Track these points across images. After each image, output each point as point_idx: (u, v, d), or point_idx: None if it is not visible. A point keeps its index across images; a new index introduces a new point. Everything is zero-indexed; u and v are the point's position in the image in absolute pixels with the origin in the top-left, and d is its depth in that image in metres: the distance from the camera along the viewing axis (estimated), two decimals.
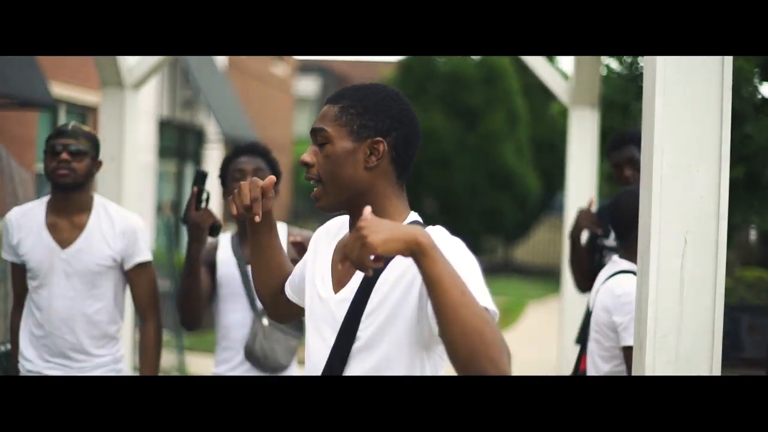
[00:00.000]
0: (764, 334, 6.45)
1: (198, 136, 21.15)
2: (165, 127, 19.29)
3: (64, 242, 4.45)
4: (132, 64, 7.16)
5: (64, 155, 4.34)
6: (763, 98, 9.29)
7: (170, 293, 10.58)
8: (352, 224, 2.58)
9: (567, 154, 7.70)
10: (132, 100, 7.19)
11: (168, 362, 10.42)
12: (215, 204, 4.89)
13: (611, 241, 5.28)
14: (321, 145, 2.60)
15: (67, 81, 15.41)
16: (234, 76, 22.93)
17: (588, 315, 5.13)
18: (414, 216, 2.58)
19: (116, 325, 4.58)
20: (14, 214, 4.55)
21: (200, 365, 10.76)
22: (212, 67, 20.02)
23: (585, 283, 5.46)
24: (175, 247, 11.93)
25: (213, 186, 4.66)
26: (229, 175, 4.59)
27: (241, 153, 4.58)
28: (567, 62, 23.85)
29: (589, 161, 7.53)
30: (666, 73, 3.16)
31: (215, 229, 4.25)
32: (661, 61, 3.14)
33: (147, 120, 17.76)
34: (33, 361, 4.48)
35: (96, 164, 4.49)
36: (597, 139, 7.68)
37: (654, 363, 3.11)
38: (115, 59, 6.96)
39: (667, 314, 3.12)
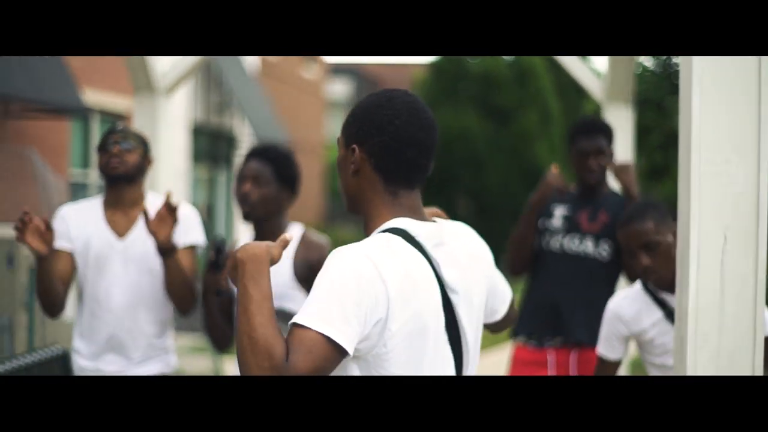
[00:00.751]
0: None
1: (230, 141, 21.23)
2: (198, 131, 19.37)
3: (120, 233, 4.64)
4: (164, 70, 7.17)
5: (116, 149, 4.54)
6: None
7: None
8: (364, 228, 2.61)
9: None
10: (165, 106, 7.20)
11: (205, 367, 10.45)
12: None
13: (556, 221, 5.24)
14: None
15: (99, 87, 15.48)
16: (265, 80, 22.99)
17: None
18: (393, 222, 2.53)
19: (169, 311, 4.73)
20: (68, 209, 4.74)
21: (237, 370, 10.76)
22: (243, 71, 20.08)
23: (526, 264, 5.34)
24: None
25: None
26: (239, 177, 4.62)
27: (251, 156, 4.60)
28: (600, 60, 23.77)
29: (623, 159, 7.48)
30: (703, 69, 3.12)
31: (220, 293, 4.35)
32: (697, 57, 3.11)
33: (180, 125, 17.83)
34: (86, 355, 4.63)
35: (147, 160, 4.66)
36: (632, 136, 7.63)
37: (696, 361, 3.08)
38: (147, 65, 6.97)
39: (707, 312, 3.09)
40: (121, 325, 4.60)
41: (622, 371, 6.60)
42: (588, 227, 5.14)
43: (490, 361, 10.14)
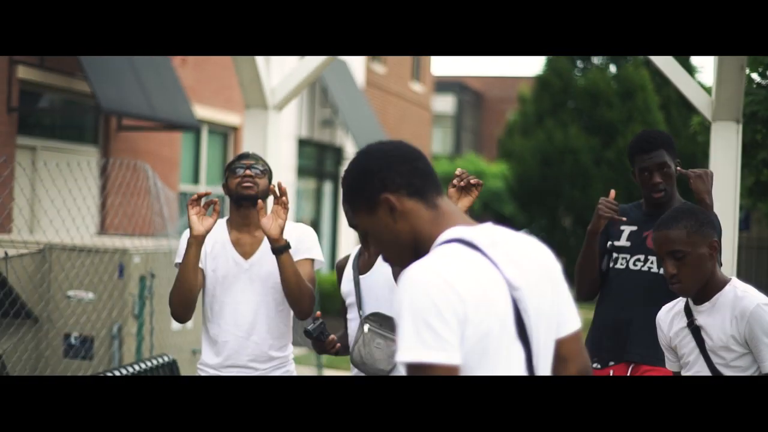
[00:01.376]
0: None
1: (336, 154, 21.42)
2: (304, 146, 19.58)
3: (246, 254, 4.88)
4: (274, 86, 7.31)
5: (248, 172, 4.83)
6: None
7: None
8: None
9: (709, 168, 7.61)
10: (274, 121, 7.35)
11: (309, 373, 10.57)
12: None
13: (623, 242, 5.10)
14: None
15: (209, 104, 15.76)
16: (372, 94, 23.15)
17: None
18: (448, 233, 2.57)
19: (289, 323, 4.98)
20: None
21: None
22: (351, 85, 20.25)
23: (592, 289, 5.19)
24: None
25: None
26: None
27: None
28: (707, 75, 23.48)
29: (732, 176, 7.43)
30: None
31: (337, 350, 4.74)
32: None
33: (287, 139, 18.05)
34: (213, 366, 4.89)
35: (270, 186, 4.85)
36: (739, 153, 7.56)
37: None
38: (258, 81, 7.12)
39: None
40: (247, 340, 4.84)
41: None
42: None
43: None
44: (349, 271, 4.73)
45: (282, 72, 7.39)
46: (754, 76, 9.73)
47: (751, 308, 3.75)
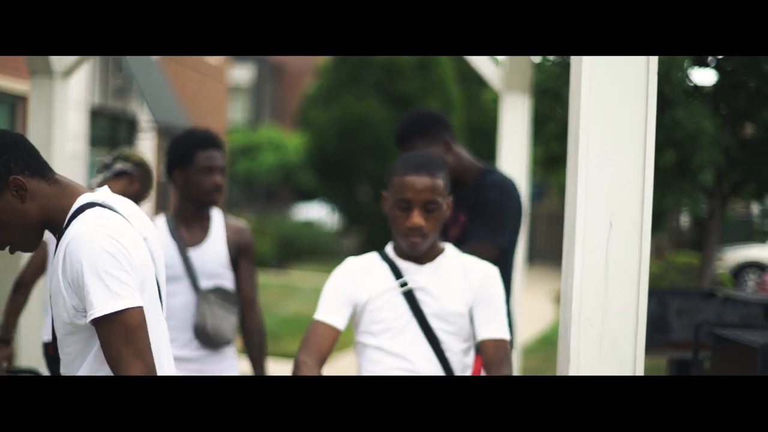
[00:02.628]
0: (692, 317, 6.53)
1: (130, 125, 21.00)
2: (96, 115, 19.13)
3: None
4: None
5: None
6: (694, 84, 9.41)
7: None
8: None
9: (498, 140, 7.74)
10: (62, 89, 7.12)
11: None
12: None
13: None
14: None
15: None
16: (167, 64, 22.78)
17: None
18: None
19: None
20: None
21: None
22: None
23: None
24: None
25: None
26: (195, 164, 4.70)
27: (210, 147, 4.73)
28: None
29: (520, 147, 7.57)
30: (592, 65, 3.19)
31: None
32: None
33: (78, 108, 17.60)
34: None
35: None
36: (529, 125, 7.71)
37: (579, 345, 3.16)
38: None
39: (591, 298, 3.16)
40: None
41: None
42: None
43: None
44: (167, 244, 4.69)
45: None
46: None
47: None
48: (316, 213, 29.71)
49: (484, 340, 3.60)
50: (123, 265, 2.62)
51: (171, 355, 2.90)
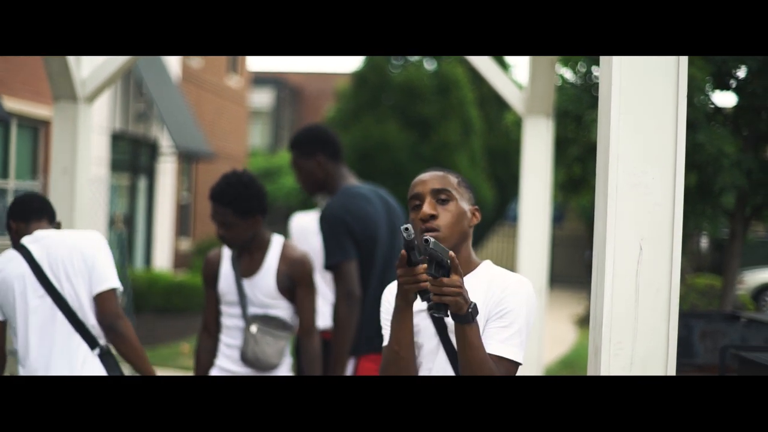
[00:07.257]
0: (716, 340, 6.49)
1: (151, 149, 21.07)
2: (118, 140, 19.20)
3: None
4: (84, 77, 7.11)
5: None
6: (715, 107, 9.39)
7: (124, 307, 10.52)
8: None
9: (521, 163, 7.73)
10: (85, 114, 7.15)
11: None
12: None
13: None
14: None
15: (19, 95, 15.30)
16: (187, 88, 22.86)
17: None
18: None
19: None
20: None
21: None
22: (166, 79, 19.95)
23: None
24: (127, 262, 11.87)
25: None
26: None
27: (212, 201, 4.99)
28: (521, 72, 23.95)
29: (543, 171, 7.56)
30: (621, 81, 3.19)
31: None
32: (617, 67, 3.17)
33: (100, 133, 17.67)
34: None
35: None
36: (551, 148, 7.71)
37: (609, 369, 3.14)
38: (68, 72, 6.92)
39: (622, 320, 3.14)
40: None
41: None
42: None
43: None
44: (228, 272, 5.08)
45: (92, 63, 7.17)
46: (568, 75, 9.93)
47: None
48: None
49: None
50: None
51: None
